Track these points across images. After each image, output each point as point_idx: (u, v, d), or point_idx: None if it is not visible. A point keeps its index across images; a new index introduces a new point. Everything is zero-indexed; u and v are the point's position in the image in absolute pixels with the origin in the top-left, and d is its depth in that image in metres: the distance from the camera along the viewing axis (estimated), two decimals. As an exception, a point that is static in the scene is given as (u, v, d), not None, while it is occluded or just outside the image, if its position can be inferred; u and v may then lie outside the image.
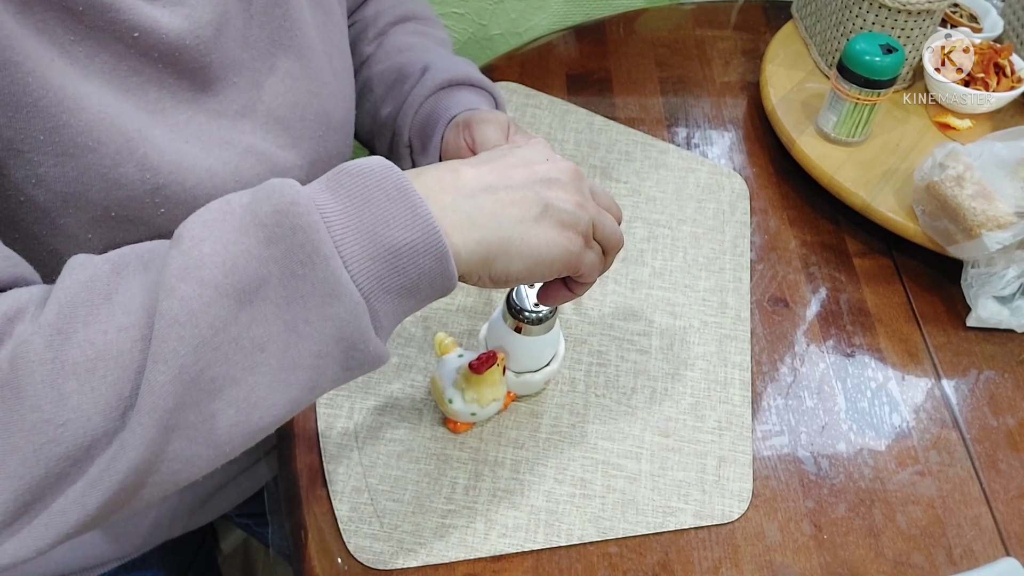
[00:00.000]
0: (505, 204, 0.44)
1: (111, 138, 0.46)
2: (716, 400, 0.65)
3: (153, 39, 0.48)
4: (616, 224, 0.50)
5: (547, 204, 0.44)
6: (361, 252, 0.39)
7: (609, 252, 0.50)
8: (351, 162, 0.41)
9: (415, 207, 0.40)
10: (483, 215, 0.43)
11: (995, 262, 0.68)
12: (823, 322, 0.71)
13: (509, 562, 0.56)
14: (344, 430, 0.61)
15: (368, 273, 0.39)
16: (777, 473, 0.61)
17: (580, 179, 0.47)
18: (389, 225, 0.40)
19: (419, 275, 0.41)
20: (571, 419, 0.63)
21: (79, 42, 0.45)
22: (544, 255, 0.44)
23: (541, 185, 0.45)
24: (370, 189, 0.40)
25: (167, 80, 0.51)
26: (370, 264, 0.39)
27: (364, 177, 0.41)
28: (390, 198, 0.40)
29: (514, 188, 0.44)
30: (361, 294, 0.39)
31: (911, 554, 0.58)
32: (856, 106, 0.77)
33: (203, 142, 0.53)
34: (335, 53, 0.64)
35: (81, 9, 0.44)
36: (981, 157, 0.69)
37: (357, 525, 0.56)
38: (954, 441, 0.64)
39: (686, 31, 0.99)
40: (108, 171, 0.47)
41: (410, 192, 0.40)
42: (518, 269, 0.44)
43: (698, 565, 0.56)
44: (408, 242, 0.40)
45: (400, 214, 0.40)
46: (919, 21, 0.81)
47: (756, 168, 0.84)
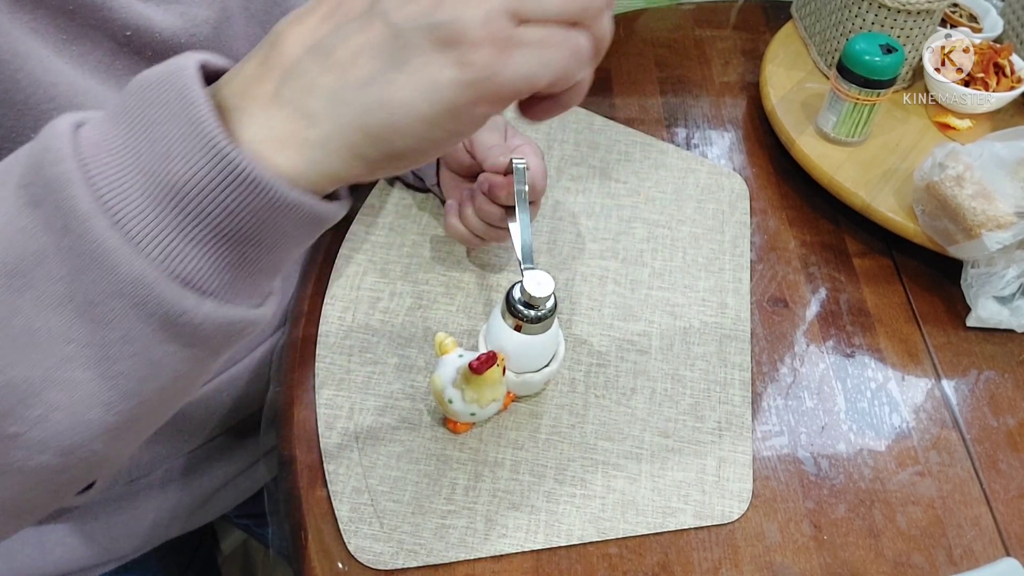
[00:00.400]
0: (345, 65, 0.29)
1: None
2: (716, 400, 0.65)
3: (147, 38, 0.48)
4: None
5: (401, 31, 0.29)
6: (142, 201, 0.29)
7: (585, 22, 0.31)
8: (147, 71, 0.31)
9: (197, 124, 0.29)
10: (318, 98, 0.30)
11: (995, 262, 0.68)
12: (823, 322, 0.71)
13: (509, 562, 0.56)
14: (344, 430, 0.61)
15: (155, 227, 0.29)
16: (777, 473, 0.61)
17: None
18: (170, 157, 0.29)
19: (232, 215, 0.30)
20: (571, 419, 0.63)
21: (72, 41, 0.45)
22: (429, 111, 0.29)
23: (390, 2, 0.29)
24: (153, 107, 0.30)
25: None
26: (156, 216, 0.29)
27: (149, 92, 0.30)
28: (173, 116, 0.29)
29: (353, 31, 0.30)
30: (147, 256, 0.29)
31: (911, 554, 0.58)
32: (856, 106, 0.77)
33: None
34: None
35: (72, 8, 0.44)
36: (981, 157, 0.69)
37: (357, 526, 0.56)
38: (954, 441, 0.64)
39: (686, 31, 0.99)
40: None
41: (193, 104, 0.29)
42: (404, 144, 0.30)
43: (698, 566, 0.56)
44: (196, 178, 0.29)
45: (182, 137, 0.29)
46: (919, 21, 0.81)
47: (756, 168, 0.84)
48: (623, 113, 0.88)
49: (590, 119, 0.86)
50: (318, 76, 0.30)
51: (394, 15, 0.29)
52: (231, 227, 0.30)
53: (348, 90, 0.29)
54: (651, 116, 0.88)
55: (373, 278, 0.70)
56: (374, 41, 0.29)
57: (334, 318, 0.67)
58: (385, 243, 0.73)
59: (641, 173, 0.81)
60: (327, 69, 0.30)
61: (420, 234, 0.74)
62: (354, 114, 0.30)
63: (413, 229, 0.74)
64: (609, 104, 0.89)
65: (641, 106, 0.89)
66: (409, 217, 0.75)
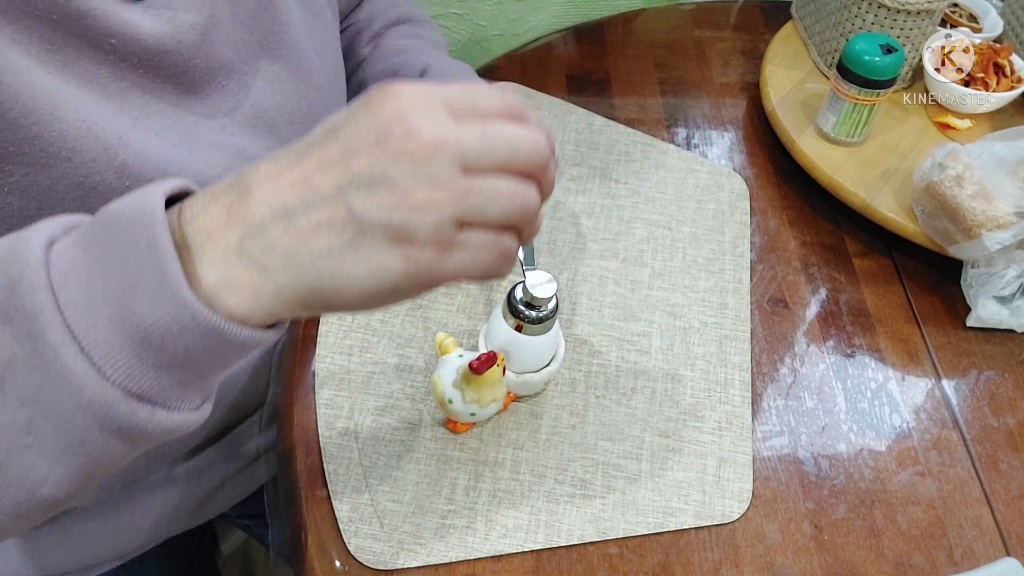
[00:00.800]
0: (306, 233, 0.32)
1: (88, 147, 0.46)
2: (716, 400, 0.65)
3: (131, 45, 0.48)
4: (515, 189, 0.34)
5: (362, 222, 0.32)
6: (107, 331, 0.32)
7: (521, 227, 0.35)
8: (120, 202, 0.33)
9: (164, 275, 0.32)
10: (276, 256, 0.33)
11: (995, 262, 0.68)
12: (823, 322, 0.71)
13: (509, 562, 0.56)
14: (344, 430, 0.61)
15: (118, 355, 0.32)
16: (777, 474, 0.61)
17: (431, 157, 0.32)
18: (135, 297, 0.32)
19: (188, 352, 0.33)
20: (571, 419, 0.63)
21: (56, 51, 0.45)
22: (372, 288, 0.33)
23: (357, 192, 0.32)
24: (122, 245, 0.32)
25: (151, 84, 0.50)
26: (119, 345, 0.32)
27: (119, 228, 0.32)
28: (140, 259, 0.32)
29: (317, 205, 0.32)
30: (110, 380, 0.32)
31: (912, 555, 0.58)
32: (856, 106, 0.77)
33: (191, 145, 0.52)
34: (326, 55, 0.64)
35: (56, 18, 0.44)
36: (981, 157, 0.69)
37: (357, 526, 0.56)
38: (954, 441, 0.64)
39: (685, 31, 0.99)
40: (84, 179, 0.46)
41: (161, 252, 0.32)
42: (346, 305, 0.34)
43: (698, 566, 0.56)
44: (159, 321, 0.32)
45: (148, 283, 0.32)
46: (919, 21, 0.81)
47: (756, 168, 0.84)
48: (623, 113, 0.88)
49: (590, 119, 0.86)
50: (279, 238, 0.33)
51: (358, 204, 0.32)
52: (186, 358, 0.33)
53: (305, 257, 0.33)
54: (651, 116, 0.88)
55: (373, 278, 0.70)
56: (336, 221, 0.32)
57: (334, 318, 0.67)
58: (385, 243, 0.73)
59: (641, 173, 0.81)
60: (288, 233, 0.33)
61: (420, 234, 0.74)
62: (307, 278, 0.33)
63: (413, 229, 0.74)
64: (609, 104, 0.89)
65: (641, 106, 0.89)
66: (409, 217, 0.75)
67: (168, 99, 0.51)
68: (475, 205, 0.33)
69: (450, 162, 0.32)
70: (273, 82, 0.58)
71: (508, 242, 0.35)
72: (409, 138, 0.32)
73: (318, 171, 0.33)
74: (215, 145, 0.54)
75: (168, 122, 0.51)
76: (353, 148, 0.33)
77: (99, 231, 0.33)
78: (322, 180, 0.33)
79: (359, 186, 0.32)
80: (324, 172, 0.33)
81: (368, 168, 0.32)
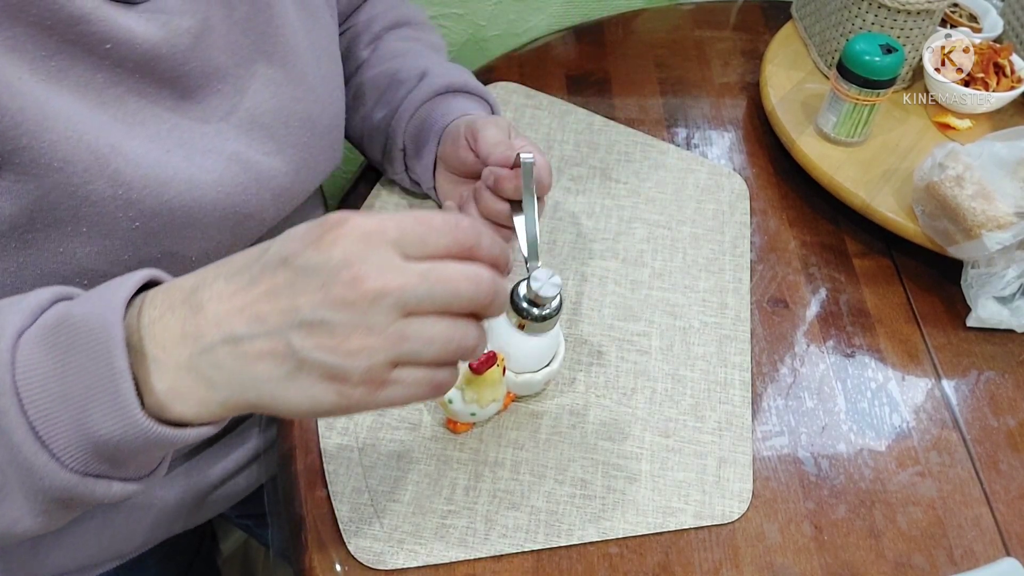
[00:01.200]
0: (249, 359, 0.36)
1: (79, 156, 0.46)
2: (716, 401, 0.65)
3: (126, 49, 0.47)
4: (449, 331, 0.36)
5: (301, 359, 0.35)
6: (66, 430, 0.36)
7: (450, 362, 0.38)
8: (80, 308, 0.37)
9: (118, 395, 0.36)
10: (222, 375, 0.36)
11: (995, 262, 0.68)
12: (823, 323, 0.71)
13: (509, 562, 0.56)
14: (344, 430, 0.61)
15: (75, 450, 0.37)
16: (777, 474, 0.61)
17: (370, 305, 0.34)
18: (91, 410, 0.36)
19: (139, 452, 0.38)
20: (571, 419, 0.63)
21: (51, 57, 0.45)
22: (309, 411, 0.37)
23: (298, 332, 0.35)
24: (83, 356, 0.36)
25: (146, 89, 0.50)
26: (76, 443, 0.37)
27: (82, 337, 0.36)
28: (98, 374, 0.36)
29: (262, 336, 0.35)
30: (69, 469, 0.37)
31: (912, 555, 0.58)
32: (856, 106, 0.77)
33: (186, 151, 0.52)
34: (323, 57, 0.64)
35: (50, 24, 0.44)
36: (981, 157, 0.69)
37: (357, 525, 0.56)
38: (954, 442, 0.64)
39: (685, 32, 0.99)
40: (77, 189, 0.46)
41: (117, 374, 0.35)
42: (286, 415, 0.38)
43: (698, 566, 0.56)
44: (112, 433, 0.36)
45: (104, 400, 0.36)
46: (919, 21, 0.81)
47: (756, 168, 0.84)
48: (623, 113, 0.88)
49: (590, 119, 0.86)
50: (225, 359, 0.36)
51: (297, 343, 0.35)
52: (137, 455, 0.38)
53: (248, 379, 0.36)
54: (651, 116, 0.88)
55: (373, 278, 0.70)
56: (277, 353, 0.35)
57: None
58: (385, 243, 0.73)
59: (641, 173, 0.81)
60: (234, 357, 0.36)
61: (420, 234, 0.74)
62: (250, 396, 0.37)
63: (413, 229, 0.74)
64: (609, 104, 0.89)
65: (641, 106, 0.89)
66: (409, 217, 0.75)
67: (163, 104, 0.51)
68: (409, 350, 0.35)
69: (390, 309, 0.35)
70: (269, 85, 0.58)
71: (441, 376, 0.37)
72: (353, 286, 0.34)
73: (265, 301, 0.36)
74: (210, 150, 0.54)
75: (163, 127, 0.51)
76: (300, 287, 0.35)
77: (63, 338, 0.36)
78: (269, 312, 0.35)
79: (300, 325, 0.35)
80: (271, 303, 0.35)
81: (311, 309, 0.35)
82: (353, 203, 0.76)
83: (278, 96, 0.59)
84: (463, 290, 0.36)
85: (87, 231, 0.48)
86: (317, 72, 0.63)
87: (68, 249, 0.48)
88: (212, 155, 0.54)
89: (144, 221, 0.50)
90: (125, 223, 0.49)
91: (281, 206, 0.61)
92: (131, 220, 0.49)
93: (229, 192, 0.54)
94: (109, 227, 0.49)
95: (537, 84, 0.89)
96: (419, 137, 0.68)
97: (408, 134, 0.69)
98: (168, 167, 0.50)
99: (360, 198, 0.77)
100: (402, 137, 0.69)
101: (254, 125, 0.57)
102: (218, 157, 0.54)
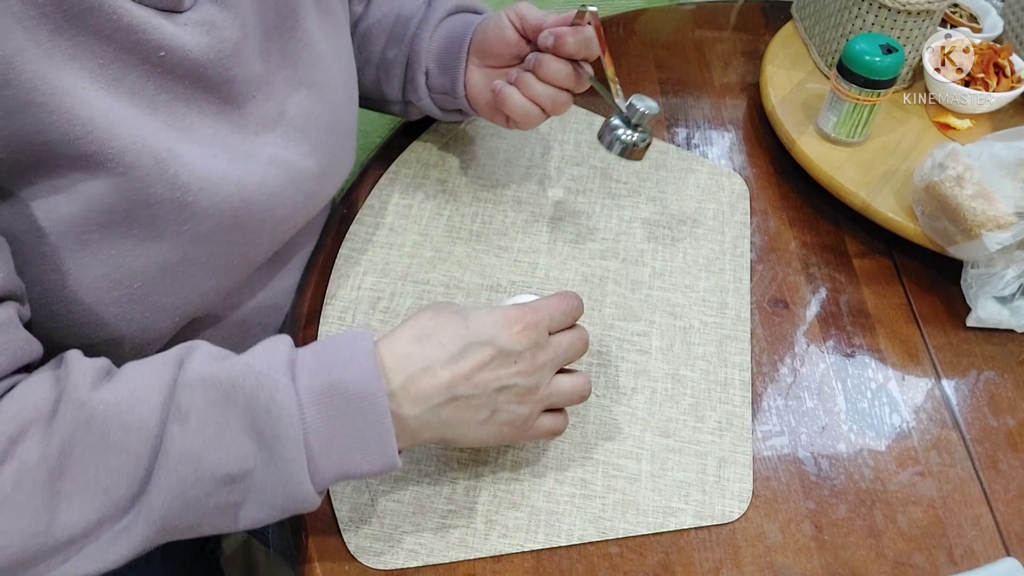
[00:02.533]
0: (462, 410, 0.50)
1: (142, 161, 0.47)
2: (716, 400, 0.65)
3: (179, 57, 0.49)
4: (570, 382, 0.54)
5: (495, 409, 0.51)
6: (328, 472, 0.46)
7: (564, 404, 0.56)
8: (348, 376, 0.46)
9: (386, 451, 0.47)
10: (439, 421, 0.49)
11: (995, 262, 0.68)
12: (823, 323, 0.71)
13: (509, 562, 0.56)
14: (344, 431, 0.61)
15: (328, 482, 0.47)
16: (777, 474, 0.61)
17: (539, 373, 0.52)
18: (361, 461, 0.47)
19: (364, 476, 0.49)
20: (571, 419, 0.63)
21: (107, 65, 0.46)
22: (477, 444, 0.53)
23: (499, 393, 0.50)
24: (356, 418, 0.46)
25: (194, 96, 0.51)
26: (332, 479, 0.47)
27: (354, 407, 0.46)
28: (373, 440, 0.47)
29: (475, 396, 0.50)
30: (316, 493, 0.47)
31: (912, 554, 0.58)
32: (856, 106, 0.77)
33: (230, 155, 0.53)
34: (342, 58, 0.65)
35: (108, 33, 0.45)
36: (981, 157, 0.69)
37: (357, 525, 0.56)
38: (954, 441, 0.64)
39: (686, 32, 1.00)
40: (137, 192, 0.48)
41: (388, 442, 0.47)
42: (457, 444, 0.55)
43: (699, 566, 0.56)
44: (369, 472, 0.47)
45: (374, 455, 0.47)
46: (919, 21, 0.81)
47: (756, 168, 0.84)
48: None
49: (590, 119, 0.86)
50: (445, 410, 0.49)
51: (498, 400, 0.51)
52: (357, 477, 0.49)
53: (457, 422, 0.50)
54: (651, 116, 0.88)
55: (373, 278, 0.70)
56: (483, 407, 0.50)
57: (334, 318, 0.68)
58: (385, 243, 0.73)
59: (641, 173, 0.81)
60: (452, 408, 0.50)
61: (420, 234, 0.74)
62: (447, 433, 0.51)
63: (413, 229, 0.74)
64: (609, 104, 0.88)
65: (641, 106, 0.89)
66: (409, 217, 0.75)
67: (208, 110, 0.52)
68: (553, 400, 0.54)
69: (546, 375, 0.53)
70: (300, 89, 0.59)
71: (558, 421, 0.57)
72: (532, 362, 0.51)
73: (479, 372, 0.49)
74: (251, 154, 0.55)
75: (209, 132, 0.52)
76: (500, 363, 0.50)
77: (338, 403, 0.46)
78: (481, 380, 0.50)
79: (500, 390, 0.50)
80: (482, 373, 0.49)
81: (508, 378, 0.50)
82: (353, 203, 0.76)
83: (309, 100, 0.60)
84: (581, 349, 0.55)
85: (139, 233, 0.49)
86: (339, 74, 0.63)
87: (119, 251, 0.49)
88: (253, 159, 0.55)
89: (195, 224, 0.51)
90: (176, 226, 0.50)
91: (311, 208, 0.62)
92: (182, 223, 0.50)
93: (271, 194, 0.56)
94: (160, 229, 0.50)
95: (537, 84, 0.89)
96: (446, 50, 0.70)
97: (431, 53, 0.71)
98: (217, 170, 0.52)
99: (360, 198, 0.77)
100: (424, 60, 0.71)
101: (290, 128, 0.58)
102: (258, 161, 0.55)
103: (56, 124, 0.43)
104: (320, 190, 0.63)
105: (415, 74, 0.71)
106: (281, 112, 0.58)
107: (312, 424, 0.45)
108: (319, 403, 0.46)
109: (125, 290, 0.51)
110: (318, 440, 0.46)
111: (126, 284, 0.51)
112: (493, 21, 0.67)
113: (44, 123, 0.43)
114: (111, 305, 0.50)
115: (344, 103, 0.64)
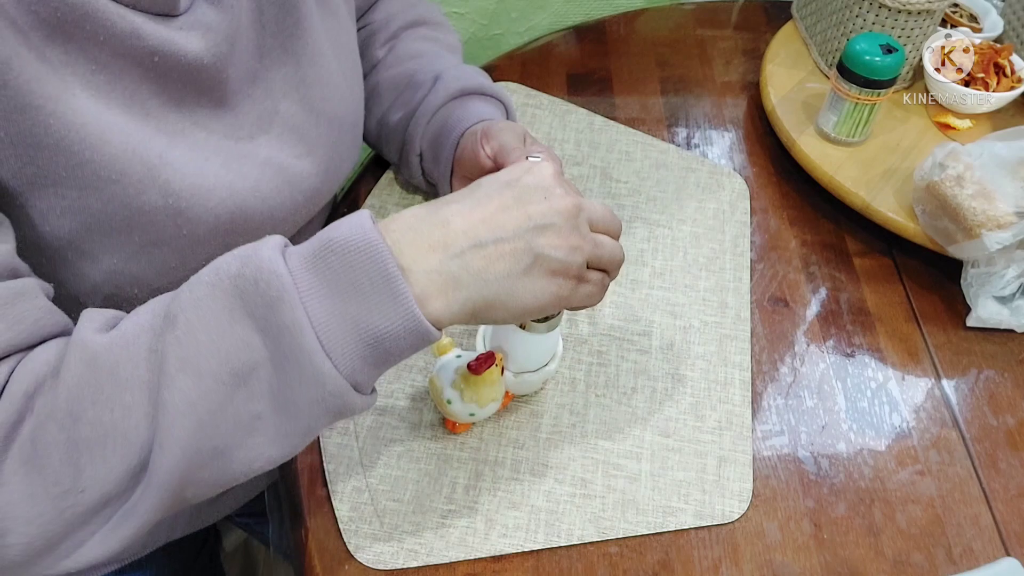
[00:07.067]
0: (493, 259, 0.43)
1: (134, 168, 0.47)
2: (716, 400, 0.65)
3: (173, 61, 0.49)
4: (615, 246, 0.49)
5: (537, 255, 0.44)
6: (344, 341, 0.41)
7: (611, 272, 0.50)
8: (338, 233, 0.41)
9: (398, 296, 0.41)
10: (469, 274, 0.43)
11: (995, 262, 0.68)
12: (823, 322, 0.71)
13: (509, 562, 0.56)
14: (344, 430, 0.61)
15: (352, 358, 0.42)
16: (777, 473, 0.62)
17: (576, 215, 0.46)
18: (372, 313, 0.41)
19: (401, 351, 0.43)
20: (571, 419, 0.63)
21: (100, 71, 0.46)
22: (531, 304, 0.45)
23: (533, 233, 0.44)
24: (355, 273, 0.41)
25: (186, 100, 0.51)
26: (353, 351, 0.41)
27: (350, 257, 0.41)
28: (375, 286, 0.41)
29: (504, 240, 0.44)
30: (344, 377, 0.41)
31: (911, 553, 0.58)
32: (856, 106, 0.77)
33: (223, 159, 0.53)
34: (344, 55, 0.64)
35: (103, 39, 0.45)
36: (981, 157, 0.69)
37: (357, 525, 0.57)
38: (954, 441, 0.64)
39: (686, 31, 0.99)
40: (131, 200, 0.48)
41: (394, 280, 0.41)
42: (504, 318, 0.45)
43: (698, 565, 0.56)
44: (390, 330, 0.41)
45: (384, 303, 0.41)
46: (919, 21, 0.81)
47: (756, 168, 0.84)
48: (624, 113, 0.88)
49: (590, 119, 0.86)
50: (474, 260, 0.43)
51: (536, 242, 0.44)
52: (395, 355, 0.43)
53: (491, 275, 0.43)
54: (652, 116, 0.88)
55: (374, 278, 0.70)
56: (518, 252, 0.44)
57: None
58: (386, 243, 0.73)
59: (642, 173, 0.81)
60: (482, 258, 0.43)
61: (421, 234, 0.74)
62: (488, 292, 0.44)
63: (414, 229, 0.74)
64: (610, 104, 0.89)
65: (642, 106, 0.89)
66: (410, 217, 0.75)
67: (201, 113, 0.52)
68: (599, 253, 0.47)
69: (585, 220, 0.47)
70: (299, 87, 0.59)
71: (607, 280, 0.50)
72: (565, 198, 0.46)
73: (502, 213, 0.44)
74: (245, 156, 0.55)
75: (201, 136, 0.52)
76: (527, 199, 0.45)
77: (331, 260, 0.41)
78: (506, 219, 0.44)
79: (534, 229, 0.44)
80: (507, 214, 0.44)
81: (540, 216, 0.44)
82: (353, 203, 0.77)
83: (308, 98, 0.60)
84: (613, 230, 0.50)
85: (139, 240, 0.50)
86: (340, 70, 0.63)
87: (121, 258, 0.50)
88: (247, 161, 0.55)
89: (191, 229, 0.51)
90: (173, 231, 0.50)
91: (311, 207, 0.62)
92: (179, 228, 0.51)
93: (265, 197, 0.56)
94: (159, 236, 0.50)
95: (539, 83, 0.90)
96: (437, 143, 0.68)
97: (425, 140, 0.69)
98: (209, 175, 0.52)
99: (360, 198, 0.77)
100: (419, 143, 0.69)
101: (285, 128, 0.58)
102: (253, 163, 0.55)
103: (53, 128, 0.43)
104: (321, 189, 0.62)
105: (409, 155, 0.70)
106: (278, 112, 0.58)
107: (306, 288, 0.41)
108: (310, 266, 0.41)
109: (124, 296, 0.51)
110: (320, 304, 0.41)
111: (127, 289, 0.51)
112: (469, 142, 0.64)
113: (41, 125, 0.43)
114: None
115: (346, 100, 0.64)
